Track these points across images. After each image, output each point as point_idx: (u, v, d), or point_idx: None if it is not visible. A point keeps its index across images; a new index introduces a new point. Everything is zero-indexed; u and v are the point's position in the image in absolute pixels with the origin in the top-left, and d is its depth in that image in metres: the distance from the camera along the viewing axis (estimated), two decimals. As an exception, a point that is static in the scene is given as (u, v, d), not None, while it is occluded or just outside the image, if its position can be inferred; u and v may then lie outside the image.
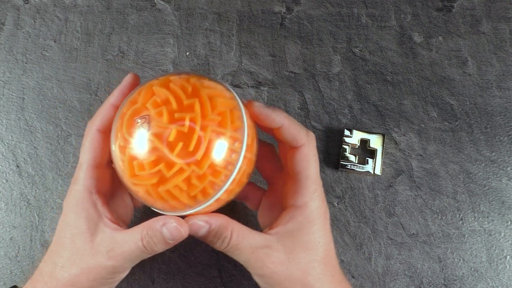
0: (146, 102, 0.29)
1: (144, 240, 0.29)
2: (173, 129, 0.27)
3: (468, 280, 0.39)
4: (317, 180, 0.32)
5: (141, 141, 0.28)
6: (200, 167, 0.27)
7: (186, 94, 0.28)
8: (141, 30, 0.47)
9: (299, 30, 0.47)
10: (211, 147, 0.27)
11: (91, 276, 0.30)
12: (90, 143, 0.31)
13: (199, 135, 0.27)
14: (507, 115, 0.44)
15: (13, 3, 0.48)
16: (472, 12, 0.47)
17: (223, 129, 0.28)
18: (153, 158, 0.27)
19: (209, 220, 0.30)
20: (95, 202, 0.31)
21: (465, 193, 0.41)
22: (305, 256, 0.30)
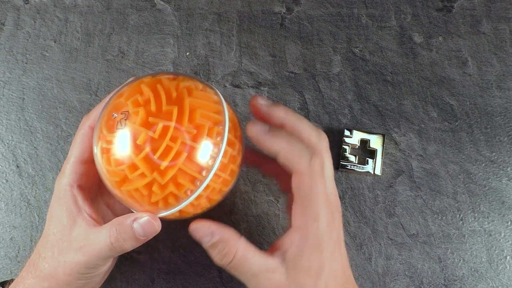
0: (129, 97, 0.28)
1: (112, 237, 0.29)
2: (143, 132, 0.26)
3: (468, 280, 0.39)
4: (321, 206, 0.30)
5: (113, 137, 0.27)
6: (162, 177, 0.27)
7: (168, 99, 0.28)
8: (141, 30, 0.47)
9: (299, 30, 0.47)
10: (178, 159, 0.26)
11: (67, 270, 0.30)
12: (80, 138, 0.32)
13: (168, 144, 0.26)
14: (507, 115, 0.44)
15: (13, 3, 0.48)
16: (472, 12, 0.47)
17: (196, 143, 0.27)
18: (119, 156, 0.27)
19: (216, 231, 0.29)
20: (76, 196, 0.31)
21: (465, 193, 0.41)
22: (307, 281, 0.29)
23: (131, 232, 0.28)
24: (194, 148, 0.27)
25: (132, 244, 0.29)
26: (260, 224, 0.41)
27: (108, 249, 0.29)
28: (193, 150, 0.27)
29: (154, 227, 0.29)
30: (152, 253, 0.40)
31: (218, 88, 0.45)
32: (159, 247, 0.40)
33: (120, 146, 0.27)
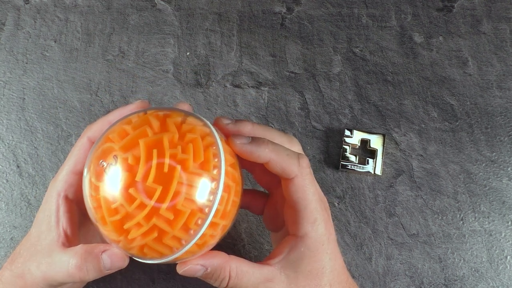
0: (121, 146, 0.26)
1: (73, 265, 0.28)
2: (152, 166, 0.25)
3: (469, 280, 0.39)
4: (316, 208, 0.30)
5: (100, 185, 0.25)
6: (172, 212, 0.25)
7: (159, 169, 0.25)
8: (141, 30, 0.47)
9: (299, 30, 0.47)
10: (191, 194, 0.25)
11: (29, 279, 0.29)
12: (77, 149, 0.32)
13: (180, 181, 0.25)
14: (507, 115, 0.44)
15: (14, 3, 0.48)
16: (472, 12, 0.47)
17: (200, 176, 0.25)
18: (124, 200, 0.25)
19: (205, 263, 0.28)
20: (59, 206, 0.31)
21: (465, 193, 0.41)
22: (307, 284, 0.29)
23: (97, 262, 0.27)
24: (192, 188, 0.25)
25: (94, 275, 0.28)
26: (260, 224, 0.41)
27: (67, 276, 0.28)
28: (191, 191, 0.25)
29: (123, 260, 0.28)
30: (153, 253, 0.40)
31: (218, 88, 0.45)
32: (160, 247, 0.40)
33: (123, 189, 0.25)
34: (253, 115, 0.44)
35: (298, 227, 0.30)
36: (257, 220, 0.40)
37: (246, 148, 0.29)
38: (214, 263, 0.28)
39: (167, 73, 0.45)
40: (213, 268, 0.28)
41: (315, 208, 0.30)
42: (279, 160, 0.29)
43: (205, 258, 0.28)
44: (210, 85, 0.45)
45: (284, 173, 0.29)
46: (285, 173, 0.29)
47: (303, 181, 0.30)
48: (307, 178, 0.30)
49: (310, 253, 0.29)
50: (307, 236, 0.29)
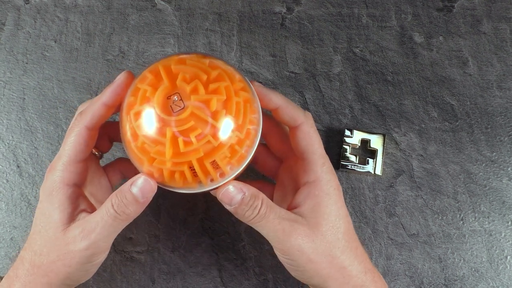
0: (173, 79, 0.29)
1: (115, 205, 0.29)
2: (213, 98, 0.28)
3: (469, 280, 0.39)
4: (323, 155, 0.33)
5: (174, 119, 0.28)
6: (241, 132, 0.29)
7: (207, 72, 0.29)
8: (141, 30, 0.47)
9: (299, 30, 0.47)
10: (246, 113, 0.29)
11: (67, 262, 0.30)
12: (75, 139, 0.32)
13: (237, 101, 0.28)
14: (507, 115, 0.44)
15: (14, 3, 0.48)
16: (472, 12, 0.47)
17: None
18: (199, 131, 0.27)
19: (243, 187, 0.30)
20: (70, 195, 0.31)
21: (465, 193, 0.41)
22: (329, 228, 0.31)
23: (131, 196, 0.29)
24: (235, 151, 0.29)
25: (134, 208, 0.29)
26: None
27: (113, 218, 0.29)
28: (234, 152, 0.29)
29: (151, 186, 0.29)
30: (153, 253, 0.40)
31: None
32: (159, 247, 0.40)
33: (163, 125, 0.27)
34: (253, 115, 0.44)
35: (309, 173, 0.32)
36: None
37: (263, 89, 0.32)
38: (251, 190, 0.30)
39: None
40: (249, 194, 0.30)
41: (322, 154, 0.33)
42: (288, 107, 0.32)
43: (242, 184, 0.30)
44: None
45: (292, 119, 0.32)
46: (293, 119, 0.32)
47: (309, 128, 0.32)
48: (312, 127, 0.33)
49: (325, 195, 0.31)
50: (319, 179, 0.32)
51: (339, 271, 0.31)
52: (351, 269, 0.31)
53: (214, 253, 0.40)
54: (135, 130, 0.28)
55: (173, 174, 0.29)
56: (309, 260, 0.30)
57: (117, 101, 0.31)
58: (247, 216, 0.31)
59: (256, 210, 0.30)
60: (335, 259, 0.31)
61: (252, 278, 0.39)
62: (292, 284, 0.39)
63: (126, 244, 0.40)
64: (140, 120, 0.28)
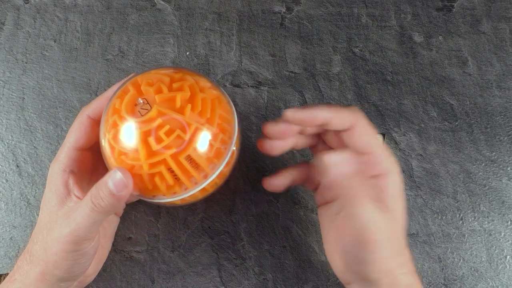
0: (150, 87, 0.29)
1: (92, 196, 0.29)
2: (178, 95, 0.28)
3: (468, 280, 0.39)
4: (383, 147, 0.32)
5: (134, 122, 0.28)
6: (212, 124, 0.29)
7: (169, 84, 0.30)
8: (141, 30, 0.47)
9: (299, 30, 0.47)
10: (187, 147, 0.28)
11: (54, 249, 0.30)
12: (77, 126, 0.32)
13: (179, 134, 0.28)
14: (507, 115, 0.44)
15: (13, 3, 0.48)
16: (472, 12, 0.47)
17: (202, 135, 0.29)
18: (168, 127, 0.28)
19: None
20: (67, 180, 0.31)
21: (465, 193, 0.41)
22: (400, 219, 0.32)
23: (106, 188, 0.29)
24: (210, 144, 0.29)
25: (109, 201, 0.29)
26: (260, 224, 0.41)
27: (91, 209, 0.29)
28: (208, 146, 0.29)
29: (125, 182, 0.29)
30: (152, 253, 0.40)
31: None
32: (159, 247, 0.40)
33: (140, 133, 0.28)
34: (252, 115, 0.44)
35: (379, 166, 0.32)
36: (257, 220, 0.40)
37: (302, 114, 0.31)
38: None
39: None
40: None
41: (383, 147, 0.32)
42: (335, 115, 0.31)
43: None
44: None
45: (343, 125, 0.31)
46: (344, 124, 0.31)
47: (364, 125, 0.31)
48: (365, 122, 0.32)
49: (397, 186, 0.32)
50: (390, 171, 0.32)
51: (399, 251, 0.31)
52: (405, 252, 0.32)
53: (213, 253, 0.40)
54: (111, 144, 0.29)
55: (153, 178, 0.29)
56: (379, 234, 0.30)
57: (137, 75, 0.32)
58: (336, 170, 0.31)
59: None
60: (396, 233, 0.31)
61: (251, 278, 0.39)
62: (292, 284, 0.39)
63: (125, 244, 0.40)
64: (113, 132, 0.29)
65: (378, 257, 0.30)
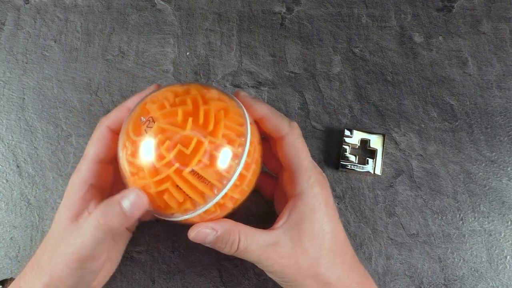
0: (157, 104, 0.29)
1: (99, 215, 0.28)
2: (179, 109, 0.28)
3: (469, 280, 0.39)
4: (310, 167, 0.31)
5: (139, 140, 0.28)
6: (215, 137, 0.28)
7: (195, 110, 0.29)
8: (141, 30, 0.47)
9: (299, 30, 0.47)
10: (199, 166, 0.27)
11: (60, 264, 0.29)
12: (97, 138, 0.32)
13: (191, 151, 0.27)
14: (507, 115, 0.44)
15: (14, 3, 0.48)
16: (472, 12, 0.47)
17: (217, 152, 0.28)
18: (143, 161, 0.28)
19: (215, 226, 0.29)
20: (85, 194, 0.31)
21: (465, 193, 0.41)
22: (312, 245, 0.30)
23: (118, 208, 0.28)
24: (214, 156, 0.27)
25: (119, 221, 0.28)
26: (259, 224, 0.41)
27: (96, 229, 0.28)
28: (213, 158, 0.27)
29: (142, 202, 0.28)
30: (152, 253, 0.40)
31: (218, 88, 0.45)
32: (159, 247, 0.40)
33: (145, 151, 0.28)
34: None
35: (295, 187, 0.31)
36: (256, 220, 0.40)
37: (247, 99, 0.32)
38: (224, 226, 0.30)
39: (167, 73, 0.45)
40: (223, 231, 0.29)
41: (309, 167, 0.31)
42: (272, 117, 0.32)
43: (214, 222, 0.30)
44: (210, 85, 0.45)
45: (276, 129, 0.32)
46: (277, 129, 0.32)
47: (294, 139, 0.32)
48: (298, 138, 0.32)
49: (309, 211, 0.30)
50: (304, 193, 0.31)
51: (324, 287, 0.30)
52: (337, 284, 0.30)
53: (214, 253, 0.40)
54: (124, 165, 0.29)
55: (162, 196, 0.28)
56: (294, 279, 0.30)
57: (143, 96, 0.32)
58: (227, 252, 0.30)
59: (235, 245, 0.30)
60: (319, 276, 0.30)
61: (252, 278, 0.39)
62: (291, 284, 0.39)
63: (126, 244, 0.40)
64: (124, 153, 0.29)
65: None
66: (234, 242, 0.30)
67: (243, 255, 0.30)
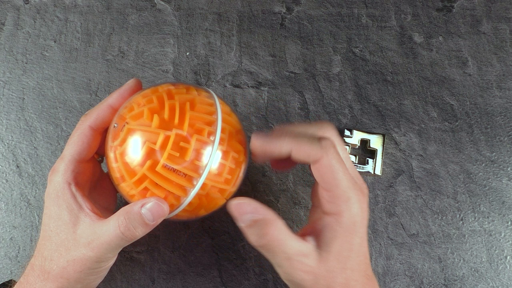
0: (129, 108, 0.30)
1: (122, 226, 0.29)
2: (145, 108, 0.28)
3: (469, 280, 0.39)
4: (349, 187, 0.30)
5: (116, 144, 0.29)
6: (181, 128, 0.28)
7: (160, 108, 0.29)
8: (141, 30, 0.47)
9: (299, 30, 0.47)
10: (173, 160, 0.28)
11: (77, 267, 0.30)
12: (78, 138, 0.32)
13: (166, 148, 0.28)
14: (507, 115, 0.44)
15: (13, 3, 0.48)
16: (472, 12, 0.47)
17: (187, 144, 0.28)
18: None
19: (258, 209, 0.28)
20: (75, 194, 0.31)
21: (465, 193, 0.41)
22: (336, 266, 0.29)
23: (140, 218, 0.28)
24: (183, 148, 0.28)
25: (142, 230, 0.29)
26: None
27: (119, 239, 0.29)
28: (183, 150, 0.28)
29: (163, 209, 0.28)
30: (152, 253, 0.40)
31: (218, 88, 0.45)
32: (159, 247, 0.40)
33: (122, 154, 0.29)
34: (252, 115, 0.44)
35: (332, 206, 0.30)
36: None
37: (267, 141, 0.30)
38: (266, 215, 0.28)
39: (167, 73, 0.45)
40: (262, 217, 0.28)
41: (348, 187, 0.29)
42: (301, 147, 0.29)
43: (260, 204, 0.28)
44: (210, 85, 0.45)
45: (309, 157, 0.29)
46: (310, 158, 0.29)
47: (329, 161, 0.29)
48: (333, 158, 0.29)
49: (343, 232, 0.29)
50: (341, 215, 0.29)
51: None
52: None
53: (214, 253, 0.40)
54: (110, 173, 0.31)
55: (145, 195, 0.29)
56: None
57: (122, 105, 0.32)
58: (253, 241, 0.29)
59: (265, 239, 0.29)
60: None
61: (252, 278, 0.39)
62: (292, 284, 0.39)
63: (125, 244, 0.40)
64: (108, 161, 0.30)
65: None
66: (266, 236, 0.28)
67: (267, 252, 0.30)
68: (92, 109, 0.33)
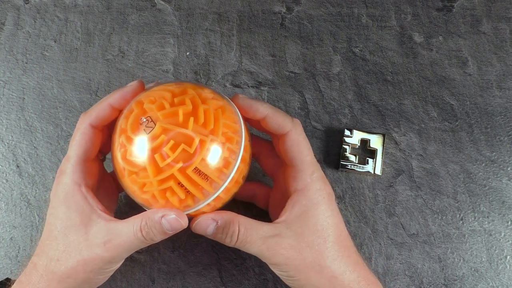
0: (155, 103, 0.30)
1: (143, 230, 0.29)
2: (164, 137, 0.28)
3: (468, 280, 0.39)
4: (313, 162, 0.32)
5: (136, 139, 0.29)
6: (216, 135, 0.29)
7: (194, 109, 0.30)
8: (141, 30, 0.47)
9: (299, 30, 0.47)
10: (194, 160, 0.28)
11: (88, 267, 0.30)
12: (81, 137, 0.32)
13: (184, 148, 0.28)
14: (507, 115, 0.44)
15: (13, 3, 0.48)
16: (472, 12, 0.47)
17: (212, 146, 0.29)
18: (137, 158, 0.28)
19: (215, 217, 0.30)
20: (85, 195, 0.31)
21: (465, 193, 0.41)
22: (316, 238, 0.30)
23: (160, 227, 0.29)
24: (215, 154, 0.29)
25: (161, 237, 0.30)
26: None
27: (139, 242, 0.30)
28: (215, 156, 0.29)
29: (181, 224, 0.29)
30: (152, 253, 0.40)
31: (218, 88, 0.45)
32: (159, 247, 0.40)
33: (147, 150, 0.28)
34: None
35: (298, 181, 0.31)
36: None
37: (248, 100, 0.32)
38: (224, 217, 0.30)
39: (167, 73, 0.45)
40: (222, 221, 0.30)
41: (312, 162, 0.32)
42: (275, 116, 0.32)
43: (215, 213, 0.31)
44: (210, 84, 0.45)
45: (280, 127, 0.32)
46: (280, 127, 0.32)
47: (297, 135, 0.32)
48: (301, 135, 0.32)
49: (312, 205, 0.31)
50: (307, 188, 0.31)
51: (329, 281, 0.30)
52: (343, 278, 0.31)
53: (214, 253, 0.40)
54: (122, 164, 0.30)
55: (164, 194, 0.29)
56: (298, 271, 0.30)
57: (123, 105, 0.32)
58: (228, 243, 0.31)
59: (235, 236, 0.30)
60: (324, 268, 0.30)
61: (252, 278, 0.39)
62: (291, 284, 0.39)
63: (125, 244, 0.40)
64: (122, 152, 0.30)
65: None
66: (234, 233, 0.30)
67: (244, 246, 0.31)
68: (92, 107, 0.32)
